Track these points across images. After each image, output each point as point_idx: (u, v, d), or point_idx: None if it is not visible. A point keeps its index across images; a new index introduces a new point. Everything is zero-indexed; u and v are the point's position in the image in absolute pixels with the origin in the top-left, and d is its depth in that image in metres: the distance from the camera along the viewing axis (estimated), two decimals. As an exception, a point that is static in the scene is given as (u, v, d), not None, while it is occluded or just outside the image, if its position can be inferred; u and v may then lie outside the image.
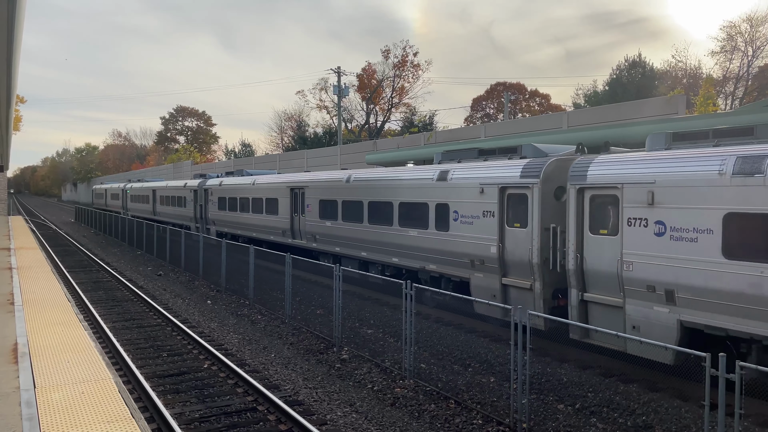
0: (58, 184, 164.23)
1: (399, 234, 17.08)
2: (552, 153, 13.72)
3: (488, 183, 14.07)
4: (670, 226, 10.17)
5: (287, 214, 23.49)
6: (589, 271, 11.61)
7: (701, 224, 9.70)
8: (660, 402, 9.77)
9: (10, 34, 10.46)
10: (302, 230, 22.30)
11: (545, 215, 12.77)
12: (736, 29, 43.74)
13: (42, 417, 7.10)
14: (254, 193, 26.40)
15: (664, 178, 10.30)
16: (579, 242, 11.77)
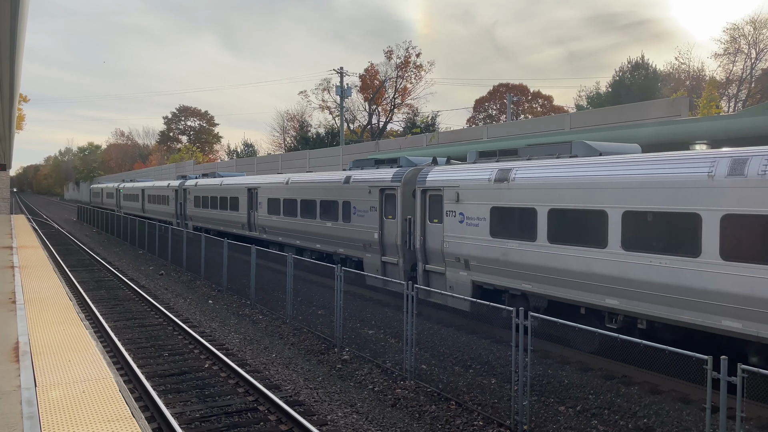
0: (60, 183, 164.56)
1: (320, 225, 21.27)
2: (419, 164, 17.84)
3: (373, 185, 18.28)
4: (466, 216, 14.52)
5: (245, 210, 27.32)
6: (427, 249, 16.15)
7: (480, 214, 14.13)
8: (661, 404, 9.75)
9: (13, 33, 10.48)
10: (256, 224, 26.14)
11: (405, 209, 17.00)
12: (739, 31, 43.67)
13: (43, 416, 7.10)
14: (221, 192, 30.34)
15: (464, 182, 14.73)
16: (422, 228, 16.27)
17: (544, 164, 12.90)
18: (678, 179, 10.10)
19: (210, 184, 32.51)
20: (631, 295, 10.77)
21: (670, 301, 10.17)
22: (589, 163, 11.98)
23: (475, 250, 14.20)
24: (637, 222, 10.68)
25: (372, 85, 65.70)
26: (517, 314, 8.95)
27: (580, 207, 11.64)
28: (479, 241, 14.07)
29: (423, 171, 16.44)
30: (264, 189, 25.50)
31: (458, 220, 14.69)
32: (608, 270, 11.06)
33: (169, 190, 39.16)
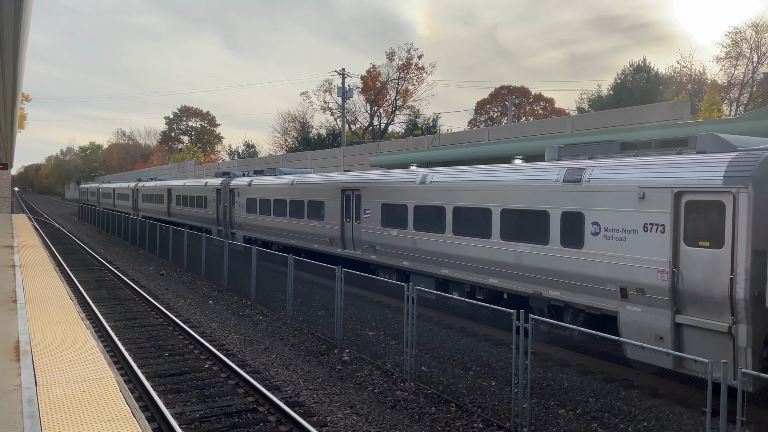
0: (62, 183, 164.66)
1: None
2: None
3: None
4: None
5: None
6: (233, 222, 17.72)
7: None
8: (661, 408, 9.74)
9: (17, 33, 10.51)
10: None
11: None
12: (741, 35, 43.62)
13: (43, 415, 7.11)
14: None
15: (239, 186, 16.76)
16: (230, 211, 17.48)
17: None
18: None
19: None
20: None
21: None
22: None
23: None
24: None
25: (373, 87, 65.75)
26: (517, 317, 8.95)
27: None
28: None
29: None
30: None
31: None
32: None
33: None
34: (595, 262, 11.52)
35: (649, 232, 10.63)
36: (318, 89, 69.53)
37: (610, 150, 12.46)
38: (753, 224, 9.16)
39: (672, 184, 10.27)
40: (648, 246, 10.62)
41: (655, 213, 10.54)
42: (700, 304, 9.87)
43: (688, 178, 10.15)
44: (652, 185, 10.60)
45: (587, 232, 11.76)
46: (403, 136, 50.91)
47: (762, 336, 9.26)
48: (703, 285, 9.81)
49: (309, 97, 78.46)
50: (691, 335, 10.00)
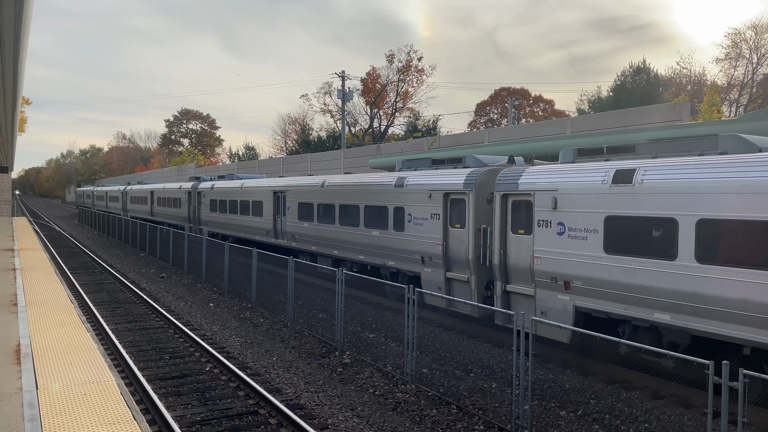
0: (62, 186, 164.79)
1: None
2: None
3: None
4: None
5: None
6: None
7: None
8: (662, 409, 9.73)
9: (17, 37, 10.53)
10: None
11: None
12: (740, 36, 43.69)
13: (44, 418, 7.10)
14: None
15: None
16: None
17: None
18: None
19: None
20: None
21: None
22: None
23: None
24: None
25: (373, 89, 65.83)
26: (518, 318, 8.95)
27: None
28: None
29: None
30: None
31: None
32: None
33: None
34: (410, 240, 16.74)
35: (433, 219, 15.89)
36: (318, 92, 69.73)
37: (424, 165, 17.85)
38: (475, 213, 14.59)
39: (444, 188, 15.61)
40: (433, 229, 15.89)
41: (436, 206, 15.79)
42: (457, 265, 15.28)
43: (451, 184, 15.40)
44: (434, 189, 15.91)
45: (406, 221, 16.92)
46: (403, 138, 50.95)
47: (483, 282, 14.63)
48: (457, 252, 15.18)
49: (309, 100, 78.74)
50: (454, 285, 15.37)
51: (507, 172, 13.92)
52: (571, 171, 12.41)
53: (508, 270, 13.63)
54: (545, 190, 12.62)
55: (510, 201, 13.65)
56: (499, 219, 13.76)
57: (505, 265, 13.66)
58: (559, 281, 12.14)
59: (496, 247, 13.77)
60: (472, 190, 14.66)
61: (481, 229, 14.28)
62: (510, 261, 13.54)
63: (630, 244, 10.81)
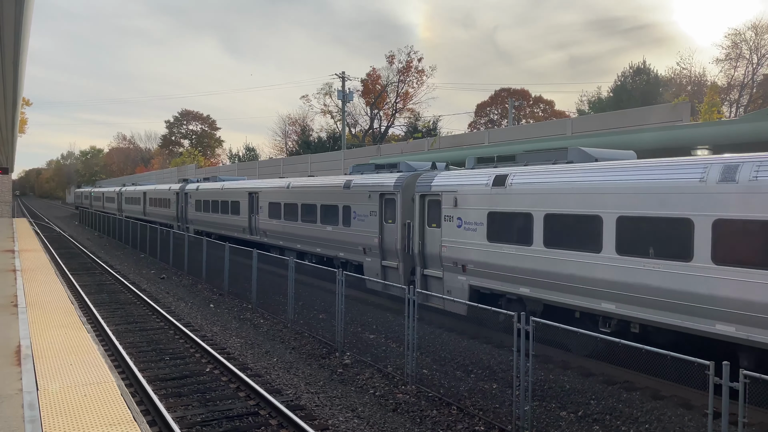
0: (62, 187, 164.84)
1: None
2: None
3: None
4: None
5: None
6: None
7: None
8: (663, 410, 9.73)
9: (17, 37, 10.53)
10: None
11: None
12: (740, 37, 43.69)
13: (44, 419, 7.10)
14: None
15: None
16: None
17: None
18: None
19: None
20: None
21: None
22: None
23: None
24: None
25: (374, 90, 65.84)
26: (518, 319, 8.95)
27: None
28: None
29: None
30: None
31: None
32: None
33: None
34: (355, 234, 19.25)
35: (372, 216, 18.39)
36: (318, 92, 69.70)
37: (369, 169, 20.42)
38: (402, 208, 17.19)
39: (379, 189, 18.18)
40: (372, 224, 18.37)
41: (374, 205, 18.28)
42: (390, 255, 17.83)
43: (385, 185, 18.01)
44: (373, 190, 18.45)
45: (352, 217, 19.41)
46: (404, 139, 50.94)
47: (409, 269, 17.17)
48: (390, 244, 17.70)
49: (309, 101, 78.53)
50: (388, 271, 17.91)
51: (425, 176, 16.80)
52: (468, 175, 15.16)
53: (425, 257, 16.47)
54: (449, 191, 15.36)
55: (426, 200, 16.45)
56: (418, 215, 16.62)
57: (423, 254, 16.50)
58: (459, 265, 14.96)
59: (416, 238, 16.63)
60: (400, 191, 17.37)
61: (407, 224, 17.05)
62: (426, 250, 16.38)
63: (504, 234, 13.58)
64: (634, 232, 10.87)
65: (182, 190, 37.58)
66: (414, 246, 16.63)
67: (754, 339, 9.24)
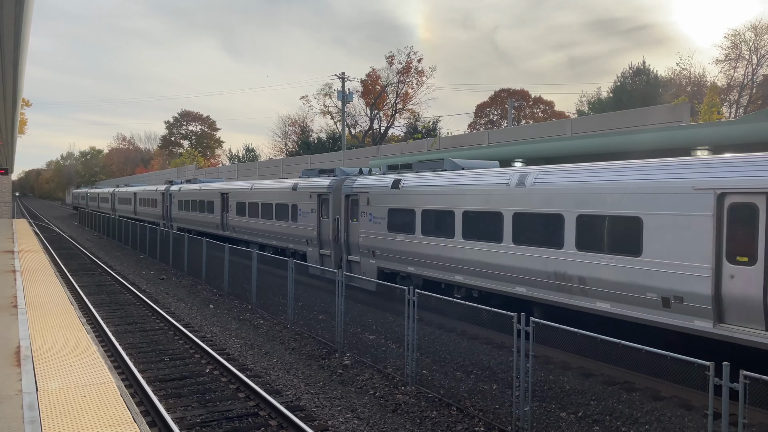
0: (62, 188, 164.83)
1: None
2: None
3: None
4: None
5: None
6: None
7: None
8: (663, 411, 9.72)
9: (17, 38, 10.54)
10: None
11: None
12: (740, 37, 43.69)
13: (44, 420, 7.10)
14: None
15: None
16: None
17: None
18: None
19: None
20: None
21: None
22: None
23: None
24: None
25: (373, 90, 65.85)
26: (518, 320, 8.95)
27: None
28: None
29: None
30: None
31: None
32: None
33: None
34: (300, 228, 22.76)
35: (312, 213, 21.93)
36: (318, 93, 69.71)
37: (313, 173, 24.23)
38: (333, 206, 20.54)
39: (317, 190, 21.66)
40: (312, 219, 21.85)
41: (313, 203, 21.83)
42: (325, 245, 21.29)
43: (322, 187, 21.46)
44: (312, 191, 22.01)
45: (298, 214, 22.94)
46: (403, 140, 50.94)
47: (339, 256, 20.38)
48: (325, 236, 21.24)
49: (309, 101, 78.57)
50: (324, 259, 21.32)
51: (350, 179, 20.40)
52: (377, 179, 18.92)
53: (349, 246, 19.93)
54: (364, 192, 19.02)
55: (350, 199, 19.93)
56: (344, 211, 20.10)
57: (348, 243, 19.98)
58: (370, 251, 18.64)
59: (342, 231, 20.11)
60: (332, 192, 20.83)
61: (336, 219, 20.44)
62: (350, 240, 19.84)
63: (398, 226, 17.35)
64: (473, 222, 14.64)
65: (167, 191, 41.24)
66: (341, 237, 20.27)
67: (537, 297, 13.11)
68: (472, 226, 14.59)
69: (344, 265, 19.78)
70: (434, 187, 16.11)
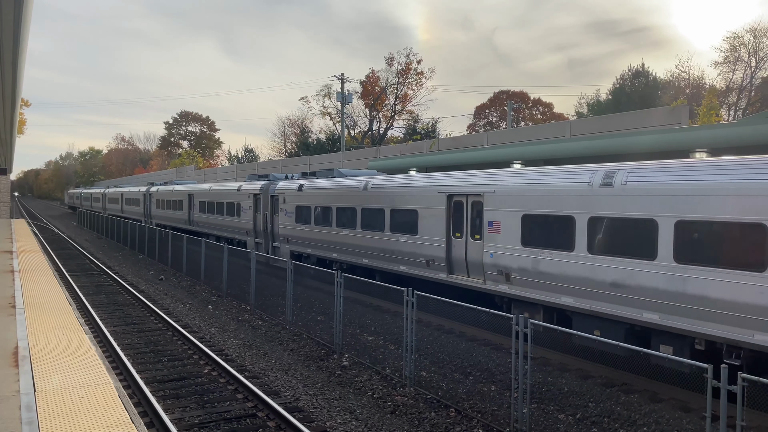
0: (61, 188, 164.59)
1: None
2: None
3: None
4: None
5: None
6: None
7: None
8: (661, 413, 9.73)
9: (17, 38, 10.52)
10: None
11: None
12: (739, 40, 43.79)
13: (42, 421, 7.09)
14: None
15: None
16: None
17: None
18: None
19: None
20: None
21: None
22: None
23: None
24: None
25: (373, 92, 65.84)
26: (517, 322, 8.95)
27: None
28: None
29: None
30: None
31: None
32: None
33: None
34: (242, 222, 28.22)
35: (250, 210, 27.41)
36: (317, 94, 69.69)
37: (254, 178, 29.75)
38: (263, 204, 26.29)
39: (253, 191, 26.92)
40: (250, 215, 27.39)
41: (251, 202, 27.16)
42: (259, 235, 26.55)
43: (256, 189, 26.84)
44: (250, 192, 27.52)
45: (241, 211, 28.17)
46: (403, 141, 50.94)
47: (269, 243, 25.84)
48: (258, 228, 26.37)
49: (308, 102, 78.46)
50: (259, 246, 26.29)
51: (274, 183, 26.05)
52: (291, 183, 24.57)
53: (274, 235, 25.56)
54: (281, 193, 24.75)
55: (273, 199, 25.55)
56: (270, 209, 25.86)
57: (273, 233, 25.67)
58: (285, 238, 24.15)
59: (269, 223, 25.92)
60: (263, 192, 26.47)
61: (265, 214, 26.18)
62: (274, 230, 25.52)
63: (301, 218, 22.94)
64: (343, 215, 20.23)
65: (147, 192, 47.18)
66: (268, 228, 25.95)
67: (420, 275, 16.79)
68: (342, 218, 20.30)
69: (270, 250, 25.74)
70: (324, 189, 21.81)
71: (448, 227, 15.54)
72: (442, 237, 15.69)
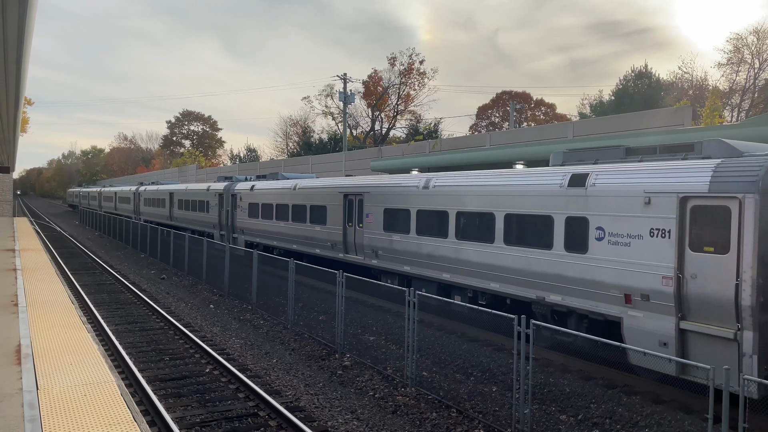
0: (63, 186, 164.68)
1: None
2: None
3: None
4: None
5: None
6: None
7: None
8: (663, 414, 9.71)
9: (20, 37, 10.54)
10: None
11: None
12: (742, 41, 43.72)
13: (44, 419, 7.11)
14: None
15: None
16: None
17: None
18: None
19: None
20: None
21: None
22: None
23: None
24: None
25: (375, 92, 65.88)
26: (519, 322, 8.95)
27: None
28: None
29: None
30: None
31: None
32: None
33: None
34: (210, 217, 32.65)
35: (217, 206, 31.83)
36: (320, 94, 69.76)
37: (221, 180, 34.51)
38: (225, 202, 31.42)
39: (218, 191, 32.06)
40: (215, 211, 32.06)
41: (217, 199, 32.07)
42: (223, 228, 31.29)
43: (220, 189, 32.10)
44: (215, 191, 32.59)
45: (210, 208, 32.77)
46: (405, 141, 50.95)
47: (230, 235, 30.47)
48: (224, 222, 31.21)
49: (310, 102, 78.65)
50: (222, 238, 30.96)
51: (234, 184, 30.14)
52: (246, 184, 28.77)
53: (235, 228, 29.32)
54: (238, 192, 28.86)
55: (234, 197, 29.46)
56: (231, 205, 29.79)
57: (233, 226, 29.40)
58: (241, 230, 28.39)
59: (230, 218, 29.70)
60: (225, 192, 30.51)
61: (227, 210, 29.98)
62: (235, 224, 29.36)
63: (252, 213, 27.27)
64: (280, 210, 24.70)
65: (137, 191, 51.19)
66: (230, 222, 29.89)
67: (328, 255, 21.27)
68: (279, 212, 24.75)
69: (230, 241, 29.37)
70: (267, 189, 26.27)
71: (344, 218, 20.32)
72: (340, 226, 20.49)
